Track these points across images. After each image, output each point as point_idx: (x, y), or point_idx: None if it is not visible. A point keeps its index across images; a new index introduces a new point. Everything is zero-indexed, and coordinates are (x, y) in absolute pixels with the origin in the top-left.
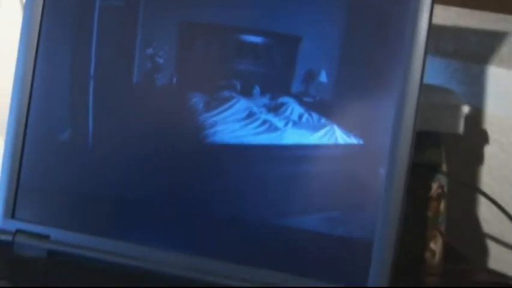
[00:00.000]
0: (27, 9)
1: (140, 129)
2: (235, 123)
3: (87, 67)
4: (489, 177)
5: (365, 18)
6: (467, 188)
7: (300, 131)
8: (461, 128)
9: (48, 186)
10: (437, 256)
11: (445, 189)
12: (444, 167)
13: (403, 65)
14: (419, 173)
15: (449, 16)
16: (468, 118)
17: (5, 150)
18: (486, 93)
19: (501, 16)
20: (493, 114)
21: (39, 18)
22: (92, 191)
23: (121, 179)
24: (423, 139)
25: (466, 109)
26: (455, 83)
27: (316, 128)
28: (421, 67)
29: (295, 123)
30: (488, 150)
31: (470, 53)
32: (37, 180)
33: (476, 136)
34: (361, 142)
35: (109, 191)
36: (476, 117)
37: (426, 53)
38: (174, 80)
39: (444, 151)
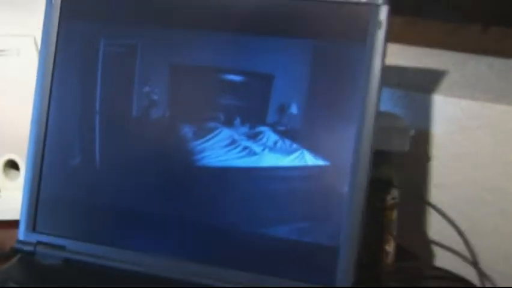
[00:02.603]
0: (42, 55)
1: (140, 155)
2: (220, 149)
3: (93, 103)
4: (431, 187)
5: (328, 58)
6: (414, 198)
7: (275, 155)
8: (407, 147)
9: (63, 205)
10: (391, 256)
11: (397, 200)
12: (394, 181)
13: (361, 97)
14: (375, 186)
15: (392, 53)
16: (413, 138)
17: (26, 175)
18: (425, 116)
19: (435, 51)
20: (432, 133)
21: (52, 62)
22: (100, 207)
23: (124, 197)
24: (376, 157)
25: (411, 131)
26: (399, 108)
27: (289, 152)
28: (377, 98)
29: (271, 149)
30: (430, 164)
31: (410, 83)
32: (54, 199)
33: (419, 153)
34: (327, 163)
35: (115, 207)
36: (419, 137)
37: (381, 86)
38: (167, 113)
39: (394, 167)
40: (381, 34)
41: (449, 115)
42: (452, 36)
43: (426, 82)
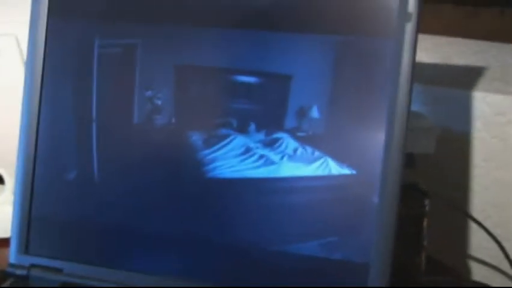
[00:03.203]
0: (30, 58)
1: (143, 167)
2: (233, 159)
3: (89, 110)
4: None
5: (352, 56)
6: (443, 204)
7: (295, 164)
8: (433, 149)
9: (59, 222)
10: (421, 269)
11: (427, 207)
12: (422, 186)
13: (390, 98)
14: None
15: None
16: (438, 139)
17: (16, 191)
18: (447, 114)
19: (452, 39)
20: (456, 132)
21: (41, 65)
22: (100, 225)
23: (127, 213)
24: None
25: (437, 131)
26: (418, 105)
27: (310, 161)
28: (407, 99)
29: (290, 157)
30: (455, 166)
31: (429, 77)
32: (48, 217)
33: (443, 154)
34: (353, 172)
35: (117, 225)
36: (441, 137)
37: (411, 85)
38: (173, 119)
39: (419, 171)
40: (410, 27)
41: (474, 111)
42: (469, 22)
43: (446, 75)
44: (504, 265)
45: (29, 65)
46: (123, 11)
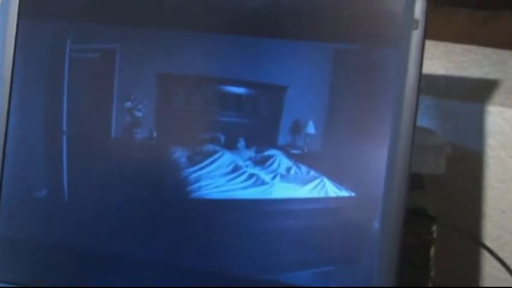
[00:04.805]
0: None
1: (119, 185)
2: (221, 178)
3: (59, 122)
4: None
5: (352, 66)
6: (454, 231)
7: (288, 184)
8: (443, 169)
9: (27, 244)
10: None
11: (435, 234)
12: (430, 210)
13: (394, 113)
14: (407, 218)
15: None
16: (449, 157)
17: None
18: (461, 130)
19: (467, 47)
20: (470, 151)
21: (10, 71)
22: (72, 248)
23: (101, 236)
24: None
25: (447, 149)
26: (428, 120)
27: (305, 181)
28: (413, 113)
29: (283, 177)
30: (468, 189)
31: (441, 89)
32: (15, 239)
33: (456, 175)
34: (353, 194)
35: (90, 248)
36: (454, 156)
37: (418, 98)
38: (155, 134)
39: (428, 193)
40: (417, 35)
41: (489, 127)
42: (486, 28)
43: (459, 87)
44: None
45: None
46: (100, 12)
